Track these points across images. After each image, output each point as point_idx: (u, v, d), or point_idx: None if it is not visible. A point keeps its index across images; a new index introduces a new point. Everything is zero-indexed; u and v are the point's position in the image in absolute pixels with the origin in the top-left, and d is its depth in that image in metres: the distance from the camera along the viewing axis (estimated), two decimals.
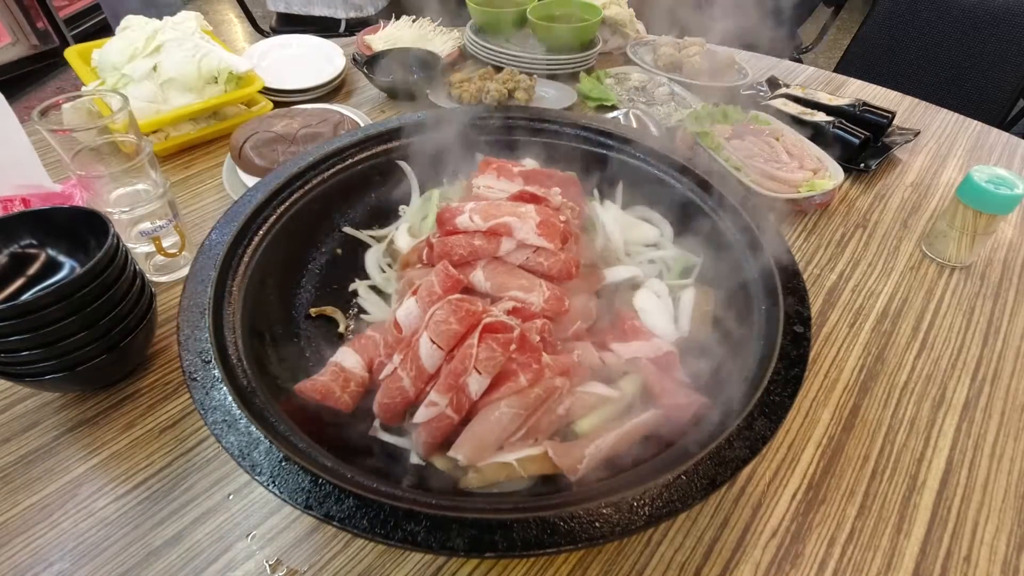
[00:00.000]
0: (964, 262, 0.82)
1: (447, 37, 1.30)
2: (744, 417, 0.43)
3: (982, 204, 0.76)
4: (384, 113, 1.11)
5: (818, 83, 1.29)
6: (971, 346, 0.72)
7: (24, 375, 0.54)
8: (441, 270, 0.55)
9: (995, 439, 0.62)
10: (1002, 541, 0.54)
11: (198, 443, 0.57)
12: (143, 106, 0.92)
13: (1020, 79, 1.54)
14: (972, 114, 1.20)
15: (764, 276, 0.56)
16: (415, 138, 0.73)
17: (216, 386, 0.43)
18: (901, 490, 0.57)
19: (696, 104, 1.13)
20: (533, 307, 0.56)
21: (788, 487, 0.56)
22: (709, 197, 0.66)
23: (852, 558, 0.52)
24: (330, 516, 0.37)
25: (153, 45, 0.95)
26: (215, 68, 0.96)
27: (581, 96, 1.15)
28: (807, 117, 1.04)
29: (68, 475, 0.54)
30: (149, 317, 0.60)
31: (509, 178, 0.67)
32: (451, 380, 0.48)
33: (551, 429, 0.51)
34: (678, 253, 0.69)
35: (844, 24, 3.55)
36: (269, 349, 0.54)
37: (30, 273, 0.58)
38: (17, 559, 0.49)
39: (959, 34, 1.62)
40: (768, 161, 0.92)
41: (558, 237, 0.59)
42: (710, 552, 0.51)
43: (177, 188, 0.90)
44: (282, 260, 0.61)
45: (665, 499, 0.38)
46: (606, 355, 0.57)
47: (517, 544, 0.36)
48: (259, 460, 0.39)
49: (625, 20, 1.32)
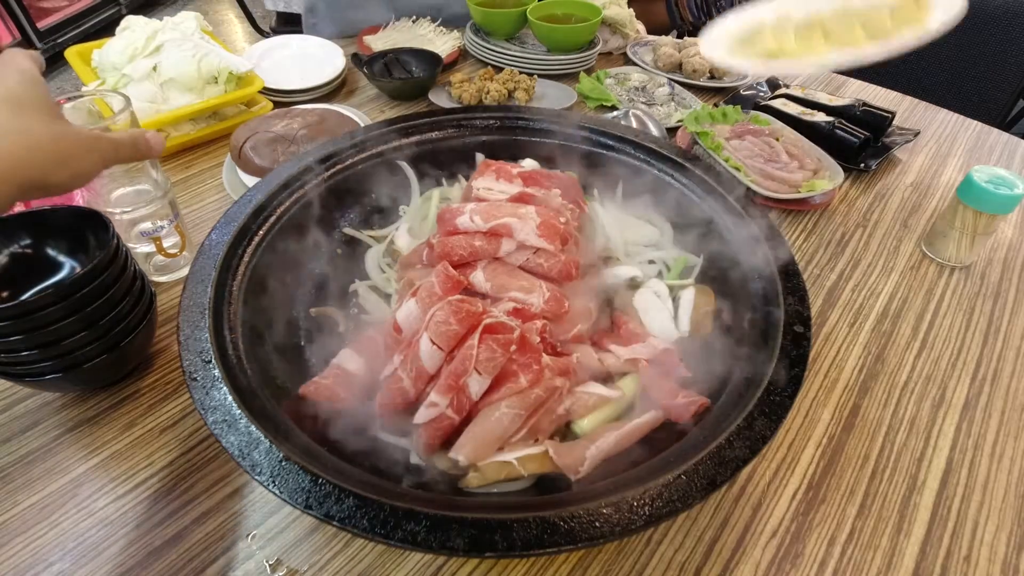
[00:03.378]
0: (964, 262, 0.82)
1: (447, 37, 1.30)
2: (744, 417, 0.43)
3: (982, 204, 0.76)
4: (384, 113, 1.11)
5: (818, 83, 1.29)
6: (971, 346, 0.72)
7: (24, 375, 0.54)
8: (441, 271, 0.55)
9: (995, 439, 0.62)
10: (1002, 541, 0.54)
11: (198, 443, 0.57)
12: (143, 106, 0.92)
13: (1020, 79, 1.54)
14: (972, 114, 1.20)
15: (764, 276, 0.56)
16: (415, 138, 0.73)
17: (216, 386, 0.43)
18: (901, 490, 0.57)
19: (696, 104, 1.13)
20: (533, 308, 0.56)
21: (788, 487, 0.56)
22: (709, 197, 0.66)
23: (852, 558, 0.52)
24: (330, 516, 0.37)
25: (153, 45, 0.95)
26: (215, 68, 0.96)
27: (581, 96, 1.15)
28: (807, 117, 1.04)
29: (68, 475, 0.54)
30: (149, 317, 0.60)
31: (508, 180, 0.67)
32: (451, 381, 0.48)
33: (551, 429, 0.51)
34: (678, 253, 0.69)
35: None
36: (269, 349, 0.54)
37: (30, 273, 0.58)
38: (17, 559, 0.49)
39: (959, 34, 1.61)
40: (768, 161, 0.92)
41: (558, 238, 0.59)
42: (710, 552, 0.51)
43: (177, 188, 0.90)
44: (282, 260, 0.61)
45: (665, 499, 0.38)
46: (605, 356, 0.57)
47: (517, 544, 0.36)
48: (259, 460, 0.39)
49: (625, 20, 1.32)
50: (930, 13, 0.61)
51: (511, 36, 1.29)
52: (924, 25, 0.61)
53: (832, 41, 0.64)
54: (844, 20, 0.65)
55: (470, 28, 1.28)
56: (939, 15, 0.60)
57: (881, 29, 0.62)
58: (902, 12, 0.62)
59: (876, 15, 0.62)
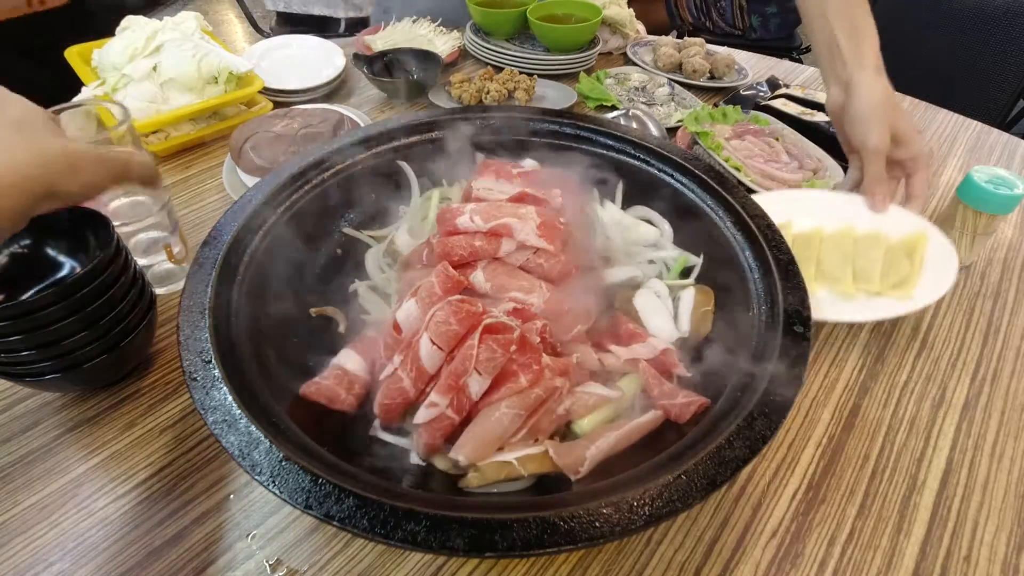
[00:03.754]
0: (964, 262, 0.82)
1: (447, 37, 1.30)
2: (744, 417, 0.43)
3: (982, 204, 0.76)
4: (384, 113, 1.11)
5: (818, 83, 1.29)
6: (971, 346, 0.72)
7: (24, 375, 0.54)
8: (441, 271, 0.55)
9: (995, 439, 0.62)
10: (1002, 541, 0.54)
11: (198, 443, 0.57)
12: (143, 106, 0.92)
13: (1020, 79, 1.54)
14: (972, 114, 1.20)
15: (764, 276, 0.56)
16: (415, 138, 0.73)
17: (216, 386, 0.43)
18: (901, 490, 0.57)
19: (696, 104, 1.13)
20: (533, 308, 0.56)
21: (788, 487, 0.56)
22: (709, 197, 0.66)
23: (852, 558, 0.52)
24: (330, 516, 0.37)
25: (153, 45, 0.95)
26: (215, 68, 0.96)
27: (581, 96, 1.15)
28: (807, 117, 1.04)
29: (68, 475, 0.54)
30: (149, 317, 0.60)
31: (508, 180, 0.67)
32: (451, 381, 0.48)
33: (551, 429, 0.51)
34: (678, 253, 0.69)
35: None
36: (269, 349, 0.54)
37: (30, 273, 0.58)
38: (17, 559, 0.49)
39: (959, 34, 1.62)
40: (768, 161, 0.92)
41: (558, 239, 0.59)
42: (710, 552, 0.51)
43: (177, 188, 0.90)
44: (282, 260, 0.61)
45: (665, 499, 0.38)
46: (605, 356, 0.57)
47: (517, 544, 0.36)
48: (259, 460, 0.39)
49: (625, 20, 1.32)
50: (916, 286, 0.66)
51: (511, 36, 1.29)
52: (910, 293, 0.65)
53: (822, 272, 0.69)
54: (840, 251, 0.69)
55: (470, 28, 1.28)
56: (926, 291, 0.65)
57: (870, 280, 0.67)
58: (892, 274, 0.67)
59: (869, 266, 0.67)
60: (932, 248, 0.69)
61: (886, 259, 0.68)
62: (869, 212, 0.72)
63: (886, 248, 0.69)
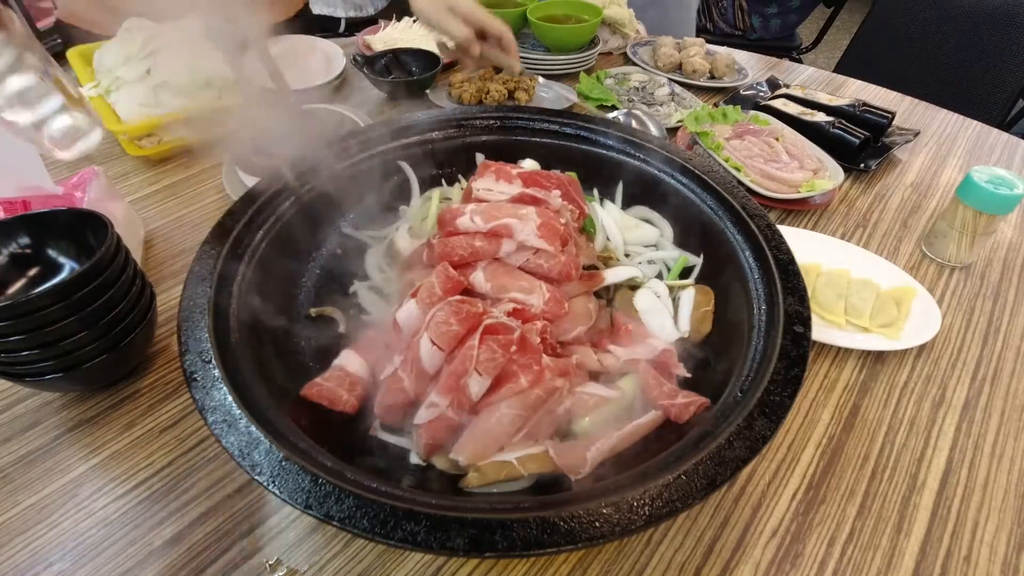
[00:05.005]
0: (964, 262, 0.82)
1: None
2: (744, 417, 0.43)
3: (982, 204, 0.76)
4: (384, 113, 1.11)
5: (818, 83, 1.29)
6: (971, 346, 0.72)
7: (24, 375, 0.54)
8: (441, 271, 0.55)
9: (995, 439, 0.62)
10: (1002, 541, 0.54)
11: (198, 443, 0.57)
12: (135, 109, 0.92)
13: (1020, 79, 1.54)
14: (972, 114, 1.20)
15: (764, 276, 0.56)
16: (415, 138, 0.73)
17: (216, 386, 0.43)
18: (901, 490, 0.57)
19: (696, 104, 1.13)
20: (533, 309, 0.56)
21: (788, 487, 0.56)
22: (709, 197, 0.66)
23: (852, 558, 0.52)
24: (330, 516, 0.37)
25: (149, 48, 0.95)
26: (208, 73, 0.96)
27: (581, 96, 1.14)
28: (807, 117, 1.04)
29: (68, 475, 0.54)
30: (149, 317, 0.60)
31: (508, 180, 0.67)
32: (452, 381, 0.48)
33: (551, 429, 0.51)
34: (678, 253, 0.69)
35: (844, 24, 3.56)
36: (269, 349, 0.54)
37: (30, 273, 0.58)
38: (17, 559, 0.49)
39: (959, 34, 1.62)
40: (768, 161, 0.92)
41: (558, 239, 0.59)
42: (710, 552, 0.51)
43: (177, 188, 0.90)
44: (282, 260, 0.61)
45: (665, 499, 0.38)
46: (605, 356, 0.57)
47: (517, 544, 0.36)
48: (259, 460, 0.39)
49: (625, 20, 1.32)
50: (903, 330, 0.70)
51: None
52: (897, 335, 0.70)
53: (817, 302, 0.73)
54: (835, 287, 0.74)
55: None
56: (912, 335, 0.69)
57: (861, 317, 0.71)
58: (881, 316, 0.71)
59: (861, 305, 0.72)
60: (918, 302, 0.73)
61: (876, 302, 0.73)
62: (863, 263, 0.79)
63: (877, 294, 0.74)
